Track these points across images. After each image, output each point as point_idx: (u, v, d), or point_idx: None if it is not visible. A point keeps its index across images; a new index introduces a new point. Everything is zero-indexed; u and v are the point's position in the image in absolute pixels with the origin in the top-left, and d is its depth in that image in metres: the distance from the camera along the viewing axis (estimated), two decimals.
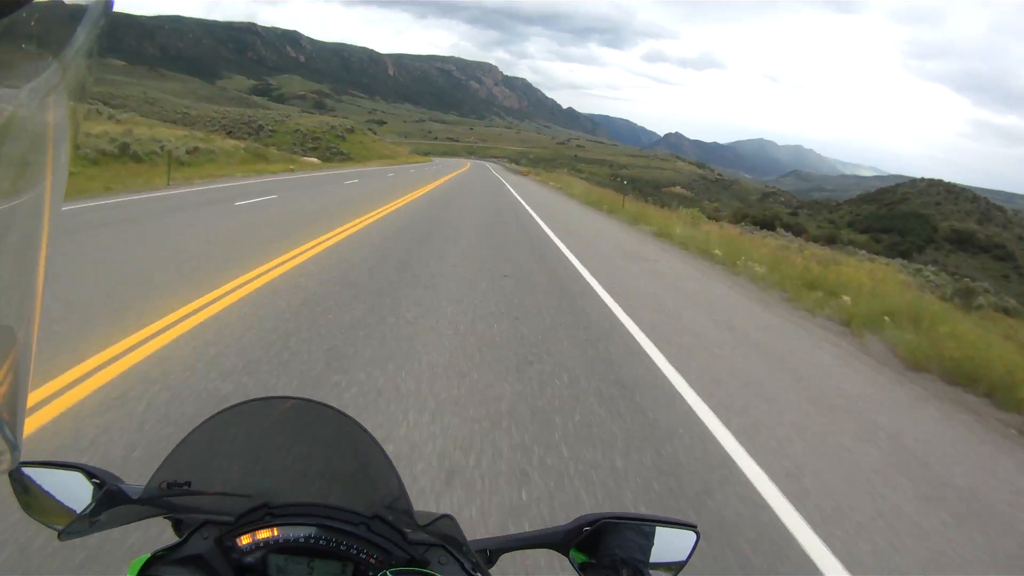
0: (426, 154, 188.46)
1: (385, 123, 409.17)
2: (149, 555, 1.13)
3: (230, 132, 75.48)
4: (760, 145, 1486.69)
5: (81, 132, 0.75)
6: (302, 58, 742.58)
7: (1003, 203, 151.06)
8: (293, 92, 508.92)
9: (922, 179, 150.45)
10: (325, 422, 1.26)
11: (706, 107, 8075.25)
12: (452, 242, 15.63)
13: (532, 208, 29.83)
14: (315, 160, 57.42)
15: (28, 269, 0.64)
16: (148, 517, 1.17)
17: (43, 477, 1.19)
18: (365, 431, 1.23)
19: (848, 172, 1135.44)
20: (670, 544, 1.27)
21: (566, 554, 1.27)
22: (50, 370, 5.40)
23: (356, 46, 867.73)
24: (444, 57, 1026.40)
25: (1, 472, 0.69)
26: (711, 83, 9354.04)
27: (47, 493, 1.17)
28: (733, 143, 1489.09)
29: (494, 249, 15.42)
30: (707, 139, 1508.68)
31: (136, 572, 1.10)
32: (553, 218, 26.10)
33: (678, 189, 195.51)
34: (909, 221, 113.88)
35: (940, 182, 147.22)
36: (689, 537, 1.28)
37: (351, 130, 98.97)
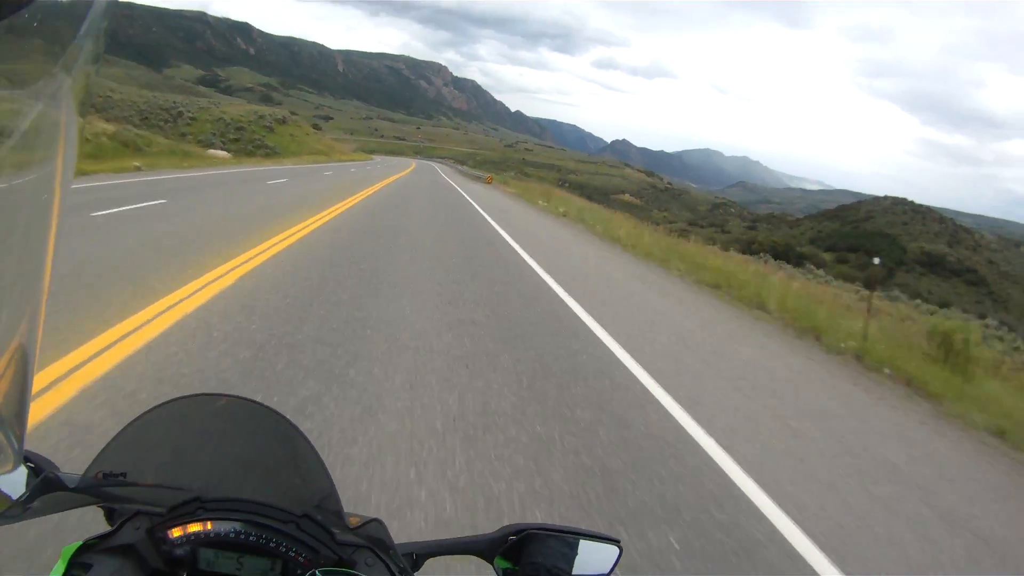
0: (372, 152, 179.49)
1: (332, 119, 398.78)
2: (81, 543, 1.13)
3: (146, 118, 68.04)
4: (707, 155, 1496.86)
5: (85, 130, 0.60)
6: (252, 50, 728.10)
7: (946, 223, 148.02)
8: (241, 84, 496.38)
9: (886, 197, 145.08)
10: (260, 420, 1.28)
11: (654, 115, 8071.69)
12: None
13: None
14: (223, 154, 49.18)
15: (33, 270, 0.64)
16: (82, 506, 1.17)
17: None
18: (298, 430, 1.25)
19: (794, 185, 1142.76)
20: (592, 557, 1.29)
21: (491, 561, 1.30)
22: None
23: (307, 41, 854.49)
24: (394, 56, 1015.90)
25: (3, 472, 0.68)
26: (660, 92, 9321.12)
27: None
28: (680, 152, 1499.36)
29: None
30: (654, 147, 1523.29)
31: (68, 559, 1.11)
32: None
33: (627, 197, 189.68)
34: (876, 241, 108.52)
35: (905, 201, 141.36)
36: (612, 551, 1.30)
37: (282, 121, 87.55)
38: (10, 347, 0.63)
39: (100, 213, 14.41)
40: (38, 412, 4.91)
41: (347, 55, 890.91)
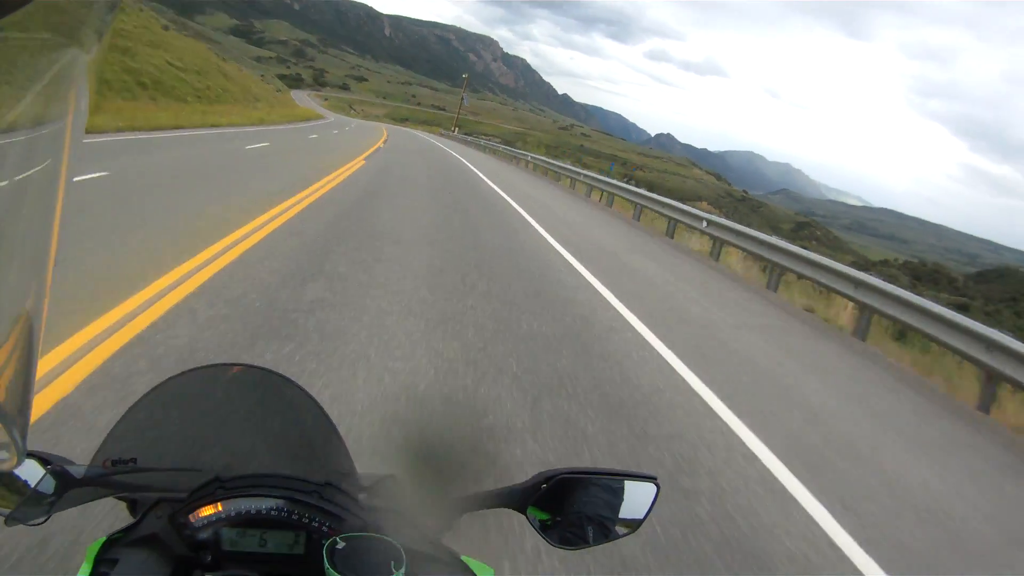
0: (405, 119, 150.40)
1: (365, 80, 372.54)
2: (105, 538, 1.11)
3: None
4: (749, 158, 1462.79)
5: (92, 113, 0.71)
6: (296, 6, 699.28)
7: (989, 253, 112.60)
8: (275, 37, 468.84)
9: None
10: (269, 389, 1.26)
11: (701, 113, 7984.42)
12: None
13: None
14: None
15: (38, 267, 0.63)
16: (98, 498, 1.14)
17: None
18: (310, 396, 1.23)
19: (835, 198, 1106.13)
20: (631, 498, 1.26)
21: (524, 512, 1.24)
22: None
23: (355, 2, 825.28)
24: (445, 25, 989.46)
25: (4, 470, 0.67)
26: (710, 89, 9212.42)
27: None
28: (723, 152, 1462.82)
29: None
30: (698, 144, 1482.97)
31: (93, 557, 1.09)
32: None
33: (704, 205, 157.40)
34: None
35: None
36: (649, 490, 1.26)
37: None
38: (13, 338, 0.61)
39: None
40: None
41: (396, 20, 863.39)
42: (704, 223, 18.36)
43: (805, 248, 15.79)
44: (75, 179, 7.73)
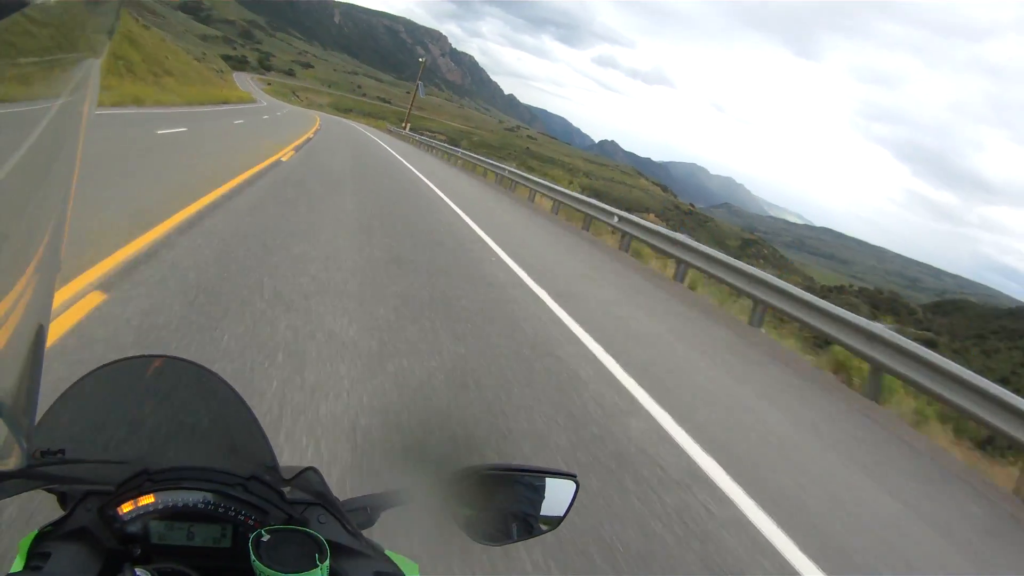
0: (348, 110, 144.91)
1: (312, 67, 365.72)
2: (37, 531, 1.11)
3: None
4: (692, 170, 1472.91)
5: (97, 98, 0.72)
6: None
7: (930, 278, 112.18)
8: (223, 16, 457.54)
9: None
10: (194, 380, 1.27)
11: (646, 122, 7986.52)
12: None
13: None
14: None
15: (44, 275, 0.63)
16: (27, 490, 1.11)
17: None
18: (231, 388, 1.24)
19: (776, 215, 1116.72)
20: (551, 495, 1.29)
21: (445, 507, 1.26)
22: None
23: None
24: (395, 17, 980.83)
25: (8, 469, 0.65)
26: (657, 99, 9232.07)
27: None
28: (666, 163, 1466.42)
29: None
30: (641, 153, 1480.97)
31: (26, 551, 1.08)
32: None
33: (652, 217, 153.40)
34: None
35: None
36: (569, 487, 1.29)
37: None
38: (19, 342, 0.59)
39: None
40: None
41: (346, 8, 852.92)
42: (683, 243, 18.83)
43: (752, 265, 16.19)
44: None
